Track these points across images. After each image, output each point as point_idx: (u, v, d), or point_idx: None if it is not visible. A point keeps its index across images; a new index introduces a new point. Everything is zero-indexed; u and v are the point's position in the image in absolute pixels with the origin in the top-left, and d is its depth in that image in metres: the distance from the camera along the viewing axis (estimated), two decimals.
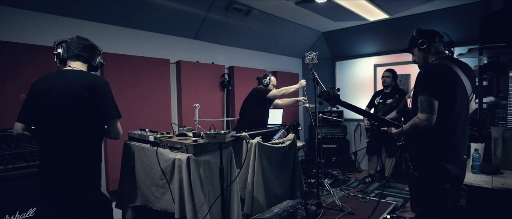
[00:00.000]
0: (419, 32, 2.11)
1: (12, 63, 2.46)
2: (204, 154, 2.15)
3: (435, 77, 1.89)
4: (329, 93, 2.26)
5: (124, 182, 2.53)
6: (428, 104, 1.85)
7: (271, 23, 4.43)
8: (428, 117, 1.84)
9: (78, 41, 1.92)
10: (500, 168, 2.15)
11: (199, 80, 3.96)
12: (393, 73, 4.29)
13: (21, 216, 2.15)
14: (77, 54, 1.91)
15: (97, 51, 2.00)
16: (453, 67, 1.94)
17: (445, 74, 1.91)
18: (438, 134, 1.91)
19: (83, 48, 1.93)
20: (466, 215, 1.59)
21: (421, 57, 2.11)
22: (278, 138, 3.16)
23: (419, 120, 1.88)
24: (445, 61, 1.96)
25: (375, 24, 4.73)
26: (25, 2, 2.56)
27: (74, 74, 1.86)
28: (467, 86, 1.97)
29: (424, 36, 2.06)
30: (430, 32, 2.08)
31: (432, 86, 1.86)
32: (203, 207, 2.04)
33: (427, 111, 1.85)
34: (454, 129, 1.94)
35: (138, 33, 3.40)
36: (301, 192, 3.17)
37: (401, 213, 3.38)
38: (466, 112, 1.99)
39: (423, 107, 1.86)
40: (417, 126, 1.90)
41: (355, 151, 5.40)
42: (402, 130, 2.05)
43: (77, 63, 1.91)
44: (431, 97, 1.84)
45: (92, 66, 1.98)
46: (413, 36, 2.13)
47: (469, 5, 3.89)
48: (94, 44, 1.99)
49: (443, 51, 2.06)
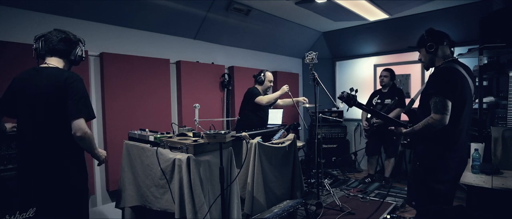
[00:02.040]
0: (429, 33, 2.15)
1: (12, 63, 2.46)
2: (204, 154, 2.15)
3: (448, 79, 1.99)
4: (349, 95, 2.33)
5: (124, 182, 2.53)
6: (443, 105, 1.94)
7: (271, 23, 4.43)
8: (442, 118, 1.94)
9: (55, 35, 1.83)
10: (500, 168, 2.15)
11: (199, 80, 3.96)
12: (391, 73, 4.28)
13: (21, 216, 2.15)
14: (53, 49, 1.82)
15: (75, 44, 1.88)
16: (461, 70, 2.04)
17: (456, 76, 2.01)
18: (448, 133, 2.01)
19: (59, 41, 1.83)
20: (466, 215, 1.59)
21: (428, 58, 2.17)
22: (278, 138, 3.16)
23: (433, 120, 1.97)
24: (455, 65, 2.06)
25: (375, 24, 4.72)
26: (25, 2, 2.56)
27: (49, 72, 1.78)
28: (472, 87, 2.08)
29: (433, 39, 2.11)
30: (440, 35, 2.13)
31: (446, 88, 1.96)
32: (203, 207, 2.03)
33: (442, 112, 1.94)
34: (461, 130, 2.05)
35: (138, 33, 3.40)
36: (301, 192, 3.17)
37: (401, 213, 3.37)
38: (470, 114, 2.10)
39: (437, 108, 1.95)
40: (431, 126, 1.98)
41: (355, 151, 5.40)
42: (414, 129, 2.12)
43: (53, 59, 1.84)
44: (445, 98, 1.94)
45: (70, 60, 1.88)
46: (423, 36, 2.17)
47: (469, 5, 3.89)
48: (71, 36, 1.88)
49: (449, 54, 2.13)
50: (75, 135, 1.75)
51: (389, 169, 4.34)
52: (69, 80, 1.76)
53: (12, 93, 1.83)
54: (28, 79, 1.79)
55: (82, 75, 2.75)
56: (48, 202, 1.81)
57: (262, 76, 3.70)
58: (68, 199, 1.83)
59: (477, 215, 1.61)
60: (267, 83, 3.73)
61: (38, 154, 1.77)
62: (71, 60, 1.89)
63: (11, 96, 1.83)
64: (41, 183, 1.77)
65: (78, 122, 1.74)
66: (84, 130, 1.76)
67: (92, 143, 1.87)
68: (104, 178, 3.14)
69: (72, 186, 1.85)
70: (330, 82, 5.81)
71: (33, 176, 1.77)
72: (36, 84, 1.76)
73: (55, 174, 1.78)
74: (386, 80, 4.26)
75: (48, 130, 1.77)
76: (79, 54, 1.91)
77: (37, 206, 1.87)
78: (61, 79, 1.75)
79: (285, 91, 3.55)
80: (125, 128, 2.94)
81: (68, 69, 1.90)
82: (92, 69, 3.05)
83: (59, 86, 1.74)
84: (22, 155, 1.82)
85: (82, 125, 1.75)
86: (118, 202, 2.59)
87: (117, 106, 3.14)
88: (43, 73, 1.78)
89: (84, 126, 1.76)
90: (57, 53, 1.84)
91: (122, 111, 3.17)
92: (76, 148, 1.84)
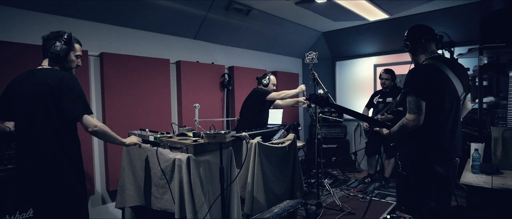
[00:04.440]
0: (408, 32, 2.10)
1: (12, 63, 2.46)
2: (204, 154, 2.15)
3: (422, 77, 1.91)
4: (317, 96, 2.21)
5: (124, 182, 2.53)
6: (416, 105, 1.87)
7: (271, 23, 4.43)
8: (415, 118, 1.87)
9: (44, 36, 1.85)
10: (500, 168, 2.15)
11: (199, 80, 3.96)
12: (392, 74, 4.27)
13: (21, 216, 2.15)
14: (43, 51, 1.86)
15: (53, 40, 1.82)
16: (442, 67, 1.93)
17: (432, 74, 1.91)
18: (426, 134, 1.93)
19: (43, 43, 1.85)
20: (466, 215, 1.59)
21: (411, 57, 2.13)
22: (278, 138, 3.16)
23: (407, 120, 1.91)
24: (434, 62, 1.96)
25: (375, 24, 4.72)
26: (25, 2, 2.56)
27: (43, 73, 1.81)
28: (458, 86, 1.96)
29: (409, 38, 2.06)
30: (418, 32, 2.05)
31: (419, 86, 1.88)
32: (203, 207, 2.04)
33: (415, 112, 1.87)
34: (442, 130, 1.94)
35: (138, 33, 3.40)
36: (301, 192, 3.17)
37: (401, 213, 3.37)
38: (456, 113, 1.98)
39: (410, 108, 1.89)
40: (405, 126, 1.93)
41: (355, 151, 5.40)
42: (391, 131, 2.07)
43: (45, 61, 1.88)
44: (418, 97, 1.87)
45: (53, 57, 1.83)
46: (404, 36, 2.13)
47: (469, 5, 3.89)
48: (50, 35, 1.84)
49: (434, 50, 2.04)
50: (88, 132, 1.80)
51: (389, 169, 4.34)
52: (63, 80, 1.78)
53: (8, 95, 1.84)
54: (24, 81, 1.81)
55: (82, 75, 2.79)
56: (45, 202, 1.81)
57: (268, 79, 3.72)
58: (65, 199, 1.83)
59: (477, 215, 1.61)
60: (271, 86, 3.76)
61: (34, 154, 1.77)
62: (55, 57, 1.83)
63: (8, 98, 1.84)
64: (37, 183, 1.78)
65: (85, 120, 1.78)
66: (94, 124, 1.80)
67: (109, 134, 1.89)
68: (104, 178, 3.14)
69: (69, 186, 1.85)
70: (330, 82, 5.81)
71: (30, 176, 1.78)
72: (32, 85, 1.77)
73: (51, 175, 1.78)
74: (387, 82, 4.25)
75: (44, 131, 1.77)
76: (56, 50, 1.81)
77: (34, 206, 1.88)
78: (56, 79, 1.77)
79: (303, 90, 3.58)
80: (125, 128, 2.94)
81: (60, 69, 1.88)
82: (92, 69, 3.05)
83: (54, 86, 1.75)
84: (19, 156, 1.83)
85: (90, 121, 1.79)
86: (118, 202, 2.59)
87: (117, 106, 3.14)
88: (38, 75, 1.80)
89: (92, 121, 1.80)
90: (45, 54, 1.87)
91: (122, 111, 3.17)
92: (72, 148, 1.86)
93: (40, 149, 1.77)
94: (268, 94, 3.55)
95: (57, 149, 1.79)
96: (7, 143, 2.15)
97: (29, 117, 1.77)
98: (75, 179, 1.88)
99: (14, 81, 1.85)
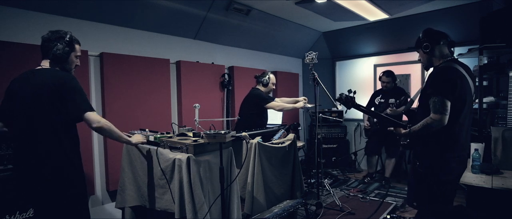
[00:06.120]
0: (425, 34, 2.15)
1: (12, 63, 2.46)
2: (204, 154, 2.15)
3: (447, 79, 1.97)
4: (347, 97, 2.30)
5: (124, 182, 2.53)
6: (441, 105, 1.92)
7: (271, 23, 4.43)
8: (441, 118, 1.93)
9: (43, 36, 1.84)
10: (500, 168, 2.15)
11: (199, 80, 3.96)
12: (392, 76, 4.25)
13: (21, 216, 2.15)
14: (42, 51, 1.85)
15: (55, 41, 1.82)
16: (459, 69, 2.02)
17: (455, 76, 1.99)
18: (446, 133, 2.00)
19: (42, 43, 1.84)
20: (466, 215, 1.59)
21: (425, 58, 2.17)
22: (278, 138, 3.16)
23: (432, 120, 1.96)
24: (453, 64, 2.04)
25: (375, 24, 4.72)
26: (25, 2, 2.56)
27: (42, 73, 1.81)
28: (472, 86, 2.07)
29: (429, 39, 2.11)
30: (436, 34, 2.12)
31: (444, 87, 1.94)
32: (203, 207, 2.03)
33: (440, 112, 1.93)
34: (461, 129, 2.03)
35: (138, 33, 3.40)
36: (301, 192, 3.17)
37: (401, 213, 3.37)
38: (470, 112, 2.09)
39: (436, 108, 1.94)
40: (430, 126, 1.98)
41: (355, 151, 5.40)
42: (412, 130, 2.10)
43: (44, 61, 1.87)
44: (444, 98, 1.92)
45: (55, 58, 1.83)
46: (419, 37, 2.17)
47: (469, 5, 3.89)
48: (50, 35, 1.83)
49: (448, 54, 2.11)
50: (93, 128, 1.82)
51: (389, 169, 4.33)
52: (65, 81, 1.79)
53: (9, 96, 1.84)
54: (24, 81, 1.81)
55: (82, 75, 2.79)
56: (45, 202, 1.81)
57: (267, 79, 3.65)
58: (65, 199, 1.83)
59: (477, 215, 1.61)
60: (271, 86, 3.71)
61: (34, 154, 1.77)
62: (56, 58, 1.84)
63: (9, 99, 1.83)
64: (37, 183, 1.78)
65: (88, 116, 1.80)
66: (98, 120, 1.83)
67: (114, 130, 1.92)
68: (104, 178, 3.14)
69: (69, 185, 1.85)
70: (330, 82, 5.81)
71: (30, 176, 1.78)
72: (32, 85, 1.78)
73: (50, 174, 1.78)
74: (389, 85, 4.23)
75: (43, 131, 1.77)
76: (58, 51, 1.81)
77: (35, 206, 1.87)
78: (56, 80, 1.78)
79: (302, 106, 3.60)
80: (125, 128, 2.93)
81: (60, 69, 1.89)
82: (92, 69, 3.05)
83: (55, 87, 1.76)
84: (18, 156, 1.83)
85: (94, 117, 1.81)
86: (118, 202, 2.58)
87: (117, 106, 3.13)
88: (38, 75, 1.81)
89: (96, 118, 1.82)
90: (45, 55, 1.87)
91: (122, 111, 3.17)
92: (72, 148, 1.86)
93: (40, 149, 1.77)
94: (267, 103, 3.51)
95: (57, 149, 1.80)
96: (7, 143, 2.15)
97: (29, 117, 1.77)
98: (75, 179, 1.88)
99: (14, 81, 1.85)
